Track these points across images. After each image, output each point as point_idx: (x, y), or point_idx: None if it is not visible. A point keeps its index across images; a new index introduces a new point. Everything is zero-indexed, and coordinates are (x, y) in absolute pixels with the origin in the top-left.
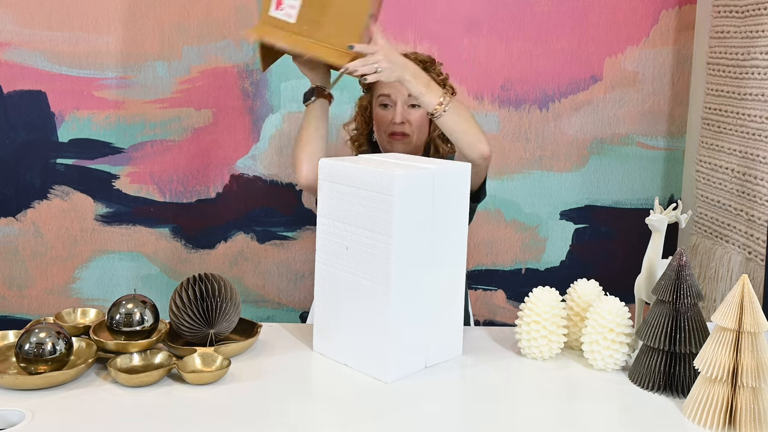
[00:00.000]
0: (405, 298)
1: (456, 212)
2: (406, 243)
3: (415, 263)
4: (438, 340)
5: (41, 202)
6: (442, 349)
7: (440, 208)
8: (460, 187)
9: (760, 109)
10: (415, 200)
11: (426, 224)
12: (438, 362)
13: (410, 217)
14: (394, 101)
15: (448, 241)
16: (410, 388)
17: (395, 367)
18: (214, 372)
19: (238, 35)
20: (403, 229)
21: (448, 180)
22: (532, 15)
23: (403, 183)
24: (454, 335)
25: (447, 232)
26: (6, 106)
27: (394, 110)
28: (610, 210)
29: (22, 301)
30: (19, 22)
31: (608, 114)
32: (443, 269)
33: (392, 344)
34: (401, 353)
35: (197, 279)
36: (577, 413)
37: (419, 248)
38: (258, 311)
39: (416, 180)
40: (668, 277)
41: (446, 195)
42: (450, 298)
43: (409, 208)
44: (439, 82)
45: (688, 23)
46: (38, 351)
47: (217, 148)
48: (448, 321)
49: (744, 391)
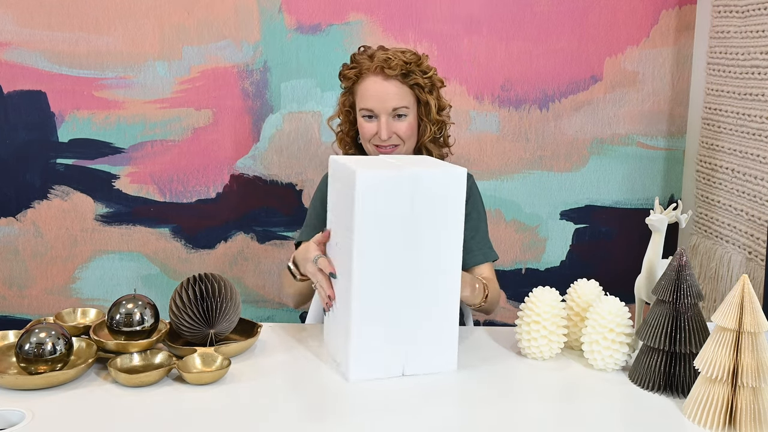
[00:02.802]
0: (369, 298)
1: (446, 218)
2: (370, 242)
3: (383, 264)
4: (422, 348)
5: (41, 202)
6: (427, 360)
7: (424, 212)
8: (452, 193)
9: (760, 109)
10: (383, 200)
11: (401, 226)
12: (422, 373)
13: (377, 216)
14: (377, 114)
15: (434, 248)
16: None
17: (357, 368)
18: (214, 372)
19: (238, 35)
20: (366, 228)
21: (436, 184)
22: (532, 15)
23: (367, 181)
24: (444, 347)
25: (433, 239)
26: (6, 106)
27: (378, 123)
28: (610, 210)
29: (22, 301)
30: (19, 22)
31: (608, 114)
32: (427, 276)
33: (354, 343)
34: (364, 354)
35: (197, 279)
36: (577, 413)
37: (389, 249)
38: (258, 311)
39: (384, 180)
40: (668, 277)
41: (433, 199)
42: (437, 308)
43: (375, 207)
44: (425, 80)
45: (688, 23)
46: (38, 351)
47: (217, 148)
48: (435, 331)
49: (744, 391)
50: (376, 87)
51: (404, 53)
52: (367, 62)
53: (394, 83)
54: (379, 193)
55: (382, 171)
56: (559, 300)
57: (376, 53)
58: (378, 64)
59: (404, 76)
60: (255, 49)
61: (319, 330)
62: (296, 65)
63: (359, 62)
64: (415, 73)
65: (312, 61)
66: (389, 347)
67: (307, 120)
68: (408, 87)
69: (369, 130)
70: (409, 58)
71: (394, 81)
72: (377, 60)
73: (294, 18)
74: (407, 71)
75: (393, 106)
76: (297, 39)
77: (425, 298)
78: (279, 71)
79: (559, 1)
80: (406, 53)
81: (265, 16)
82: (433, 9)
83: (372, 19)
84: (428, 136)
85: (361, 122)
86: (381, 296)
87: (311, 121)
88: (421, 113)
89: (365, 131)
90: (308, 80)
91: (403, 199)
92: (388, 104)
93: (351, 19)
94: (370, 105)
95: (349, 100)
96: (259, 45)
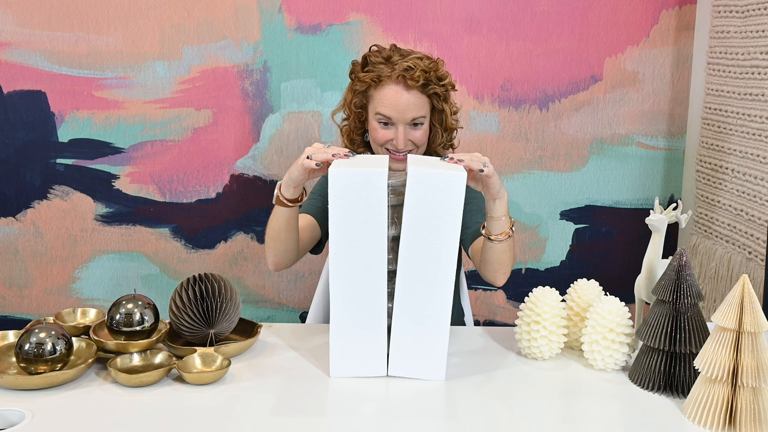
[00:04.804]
0: (344, 296)
1: (438, 223)
2: (344, 241)
3: (357, 264)
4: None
5: (41, 202)
6: (413, 366)
7: (414, 214)
8: (448, 198)
9: (760, 109)
10: (358, 201)
11: (378, 228)
12: (408, 377)
13: (352, 217)
14: (394, 123)
15: (423, 253)
16: (411, 388)
17: (337, 364)
18: (214, 372)
19: (238, 35)
20: (341, 227)
21: (428, 186)
22: (532, 15)
23: (338, 181)
24: (431, 356)
25: (428, 242)
26: (6, 106)
27: (395, 131)
28: (610, 210)
29: (22, 301)
30: (19, 22)
31: (608, 114)
32: (410, 282)
33: (333, 340)
34: (341, 351)
35: (197, 279)
36: (577, 413)
37: (365, 251)
38: (258, 311)
39: (359, 179)
40: (668, 277)
41: (424, 202)
42: (423, 314)
43: (349, 207)
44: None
45: (688, 23)
46: (38, 351)
47: (217, 148)
48: (420, 338)
49: (744, 391)
50: (397, 97)
51: (422, 60)
52: (386, 69)
53: (414, 93)
54: (351, 192)
55: (357, 169)
56: (559, 300)
57: (394, 57)
58: (400, 73)
59: (424, 87)
60: (255, 49)
61: (319, 330)
62: (296, 65)
63: (377, 67)
64: (434, 83)
65: (312, 61)
66: (365, 348)
67: (307, 120)
68: (426, 96)
69: (384, 136)
70: (428, 66)
71: (415, 91)
72: (399, 69)
73: (294, 18)
74: (427, 81)
75: (412, 117)
76: (297, 39)
77: (409, 305)
78: (279, 71)
79: (559, 1)
80: (424, 60)
81: (265, 16)
82: (433, 9)
83: (372, 19)
84: (439, 143)
85: (375, 126)
86: (354, 296)
87: (311, 121)
88: (435, 119)
89: (379, 137)
90: (308, 80)
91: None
92: (408, 115)
93: (351, 19)
94: (389, 113)
95: (361, 101)
96: (259, 45)
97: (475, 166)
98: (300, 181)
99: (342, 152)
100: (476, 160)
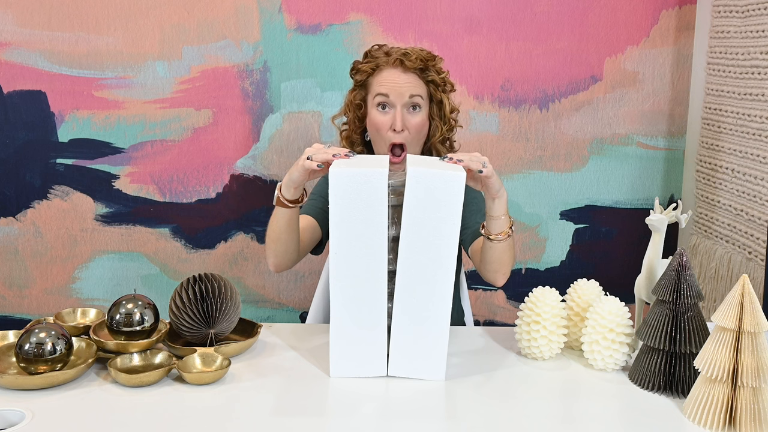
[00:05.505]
0: (345, 296)
1: (438, 223)
2: (344, 241)
3: (357, 264)
4: (405, 353)
5: (41, 202)
6: (413, 366)
7: (413, 214)
8: (447, 198)
9: (760, 109)
10: (358, 200)
11: (378, 228)
12: (408, 377)
13: (352, 217)
14: (393, 104)
15: (422, 253)
16: (411, 389)
17: (337, 364)
18: (214, 372)
19: (238, 35)
20: (341, 227)
21: (428, 186)
22: (532, 15)
23: (339, 181)
24: (431, 356)
25: (427, 242)
26: (6, 106)
27: (393, 114)
28: (610, 210)
29: (22, 301)
30: (19, 22)
31: (608, 114)
32: (410, 282)
33: (333, 340)
34: (341, 351)
35: (197, 279)
36: (577, 413)
37: (365, 251)
38: (258, 311)
39: (360, 179)
40: (668, 277)
41: (424, 202)
42: (423, 314)
43: (350, 207)
44: (440, 79)
45: (688, 23)
46: (38, 351)
47: (217, 148)
48: (420, 338)
49: (744, 391)
50: (393, 76)
51: (422, 50)
52: (384, 57)
53: (411, 75)
54: (349, 191)
55: (355, 169)
56: (559, 300)
57: (393, 49)
58: (397, 57)
59: (421, 71)
60: (255, 49)
61: (319, 330)
62: (296, 65)
63: (376, 56)
64: (431, 70)
65: (312, 61)
66: (363, 348)
67: (307, 120)
68: (424, 82)
69: (382, 122)
70: (426, 55)
71: (412, 74)
72: (396, 53)
73: (294, 18)
74: (425, 66)
75: (410, 93)
76: (297, 39)
77: (407, 305)
78: (279, 71)
79: (559, 1)
80: (423, 51)
81: (265, 16)
82: (433, 9)
83: (372, 19)
84: (439, 137)
85: (374, 114)
86: (353, 296)
87: (311, 121)
88: (433, 112)
89: (378, 122)
90: (308, 80)
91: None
92: (405, 91)
93: (351, 19)
94: (387, 91)
95: (360, 95)
96: (259, 45)
97: (475, 166)
98: (300, 181)
99: (342, 152)
100: (475, 160)
